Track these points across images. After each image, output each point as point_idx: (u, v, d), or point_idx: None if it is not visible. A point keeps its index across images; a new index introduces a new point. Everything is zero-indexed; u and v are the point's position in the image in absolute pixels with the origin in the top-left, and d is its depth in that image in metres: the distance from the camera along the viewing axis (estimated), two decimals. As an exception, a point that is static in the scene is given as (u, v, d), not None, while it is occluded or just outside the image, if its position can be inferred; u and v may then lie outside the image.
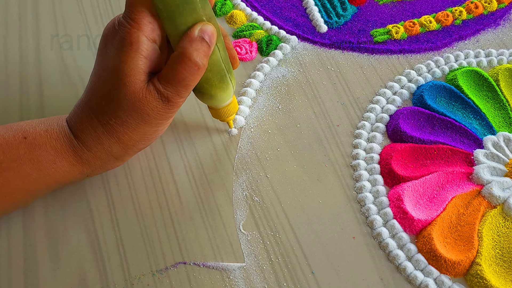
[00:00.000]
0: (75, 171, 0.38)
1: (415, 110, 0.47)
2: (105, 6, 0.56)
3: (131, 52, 0.35)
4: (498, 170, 0.43)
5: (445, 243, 0.40)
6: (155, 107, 0.36)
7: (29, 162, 0.37)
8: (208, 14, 0.37)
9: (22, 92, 0.49)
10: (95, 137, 0.37)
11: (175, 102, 0.37)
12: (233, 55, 0.41)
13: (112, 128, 0.37)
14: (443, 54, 0.52)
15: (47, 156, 0.37)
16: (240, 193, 0.43)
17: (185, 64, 0.35)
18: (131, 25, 0.35)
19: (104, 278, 0.38)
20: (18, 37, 0.53)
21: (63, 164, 0.38)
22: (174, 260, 0.39)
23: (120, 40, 0.35)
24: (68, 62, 0.51)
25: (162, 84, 0.36)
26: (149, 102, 0.36)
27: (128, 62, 0.35)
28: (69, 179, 0.39)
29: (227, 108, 0.42)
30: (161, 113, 0.37)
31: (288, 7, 0.57)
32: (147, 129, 0.38)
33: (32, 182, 0.37)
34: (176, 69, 0.36)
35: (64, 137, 0.38)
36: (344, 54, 0.52)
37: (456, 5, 0.57)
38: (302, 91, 0.49)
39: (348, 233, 0.41)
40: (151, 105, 0.36)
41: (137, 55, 0.35)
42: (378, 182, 0.43)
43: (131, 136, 0.37)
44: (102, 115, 0.37)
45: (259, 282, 0.38)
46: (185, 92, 0.37)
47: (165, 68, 0.36)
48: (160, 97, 0.36)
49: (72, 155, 0.38)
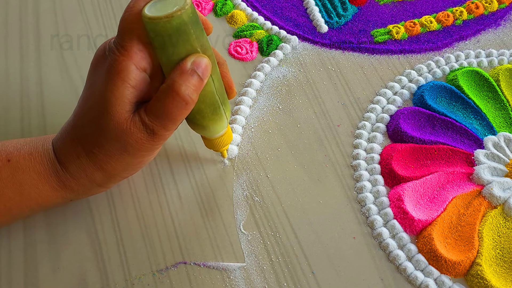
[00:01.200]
0: (58, 196, 0.37)
1: (416, 110, 0.47)
2: (105, 6, 0.56)
3: (118, 81, 0.34)
4: (499, 171, 0.43)
5: (446, 244, 0.40)
6: (139, 139, 0.35)
7: (11, 185, 0.36)
8: (203, 45, 0.35)
9: (23, 91, 0.49)
10: (78, 164, 0.36)
11: (160, 135, 0.35)
12: (229, 85, 0.39)
13: (95, 156, 0.36)
14: (443, 54, 0.52)
15: (30, 180, 0.36)
16: (240, 193, 0.43)
17: (172, 99, 0.34)
18: (121, 52, 0.34)
19: (104, 278, 0.38)
20: (18, 37, 0.53)
21: (46, 189, 0.37)
22: (175, 260, 0.39)
23: (108, 67, 0.34)
24: (69, 62, 0.51)
25: (148, 116, 0.35)
26: (133, 134, 0.35)
27: (114, 91, 0.34)
28: (52, 203, 0.38)
29: (220, 139, 0.40)
30: (146, 145, 0.35)
31: (289, 7, 0.57)
32: (130, 160, 0.36)
33: (15, 205, 0.37)
34: (163, 102, 0.34)
35: (48, 161, 0.37)
36: (344, 54, 0.52)
37: (457, 5, 0.57)
38: (303, 91, 0.49)
39: (348, 233, 0.41)
40: (135, 137, 0.35)
41: (124, 84, 0.34)
42: (378, 182, 0.43)
43: (114, 166, 0.36)
44: (86, 143, 0.36)
45: (260, 282, 0.38)
46: (172, 126, 0.35)
47: (153, 100, 0.35)
48: (145, 129, 0.35)
49: (55, 180, 0.37)
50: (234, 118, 0.47)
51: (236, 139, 0.45)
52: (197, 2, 0.56)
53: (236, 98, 0.48)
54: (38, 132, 0.46)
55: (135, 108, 0.35)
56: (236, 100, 0.48)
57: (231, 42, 0.53)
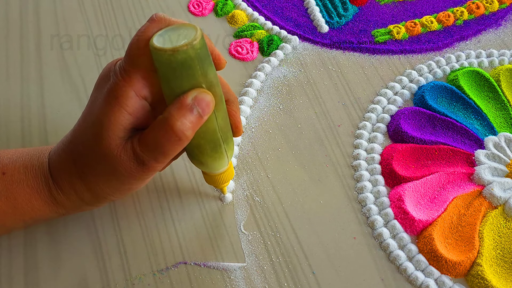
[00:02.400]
0: (50, 211, 0.37)
1: (416, 110, 0.47)
2: (105, 6, 0.56)
3: (115, 106, 0.33)
4: (499, 171, 0.43)
5: (446, 244, 0.40)
6: (128, 167, 0.34)
7: (5, 199, 0.36)
8: (209, 81, 0.33)
9: (23, 91, 0.49)
10: (69, 182, 0.36)
11: (150, 167, 0.34)
12: (236, 124, 0.38)
13: (85, 176, 0.35)
14: (444, 54, 0.52)
15: (24, 194, 0.36)
16: (241, 193, 0.43)
17: (165, 132, 0.33)
18: (123, 77, 0.33)
19: (104, 278, 0.38)
20: (19, 37, 0.53)
21: (39, 203, 0.37)
22: (175, 260, 0.39)
23: (108, 89, 0.34)
24: (69, 62, 0.51)
25: (140, 146, 0.34)
26: (123, 161, 0.34)
27: (109, 116, 0.33)
28: (44, 217, 0.38)
29: (220, 176, 0.39)
30: (135, 175, 0.35)
31: (289, 7, 0.57)
32: (119, 186, 0.36)
33: (8, 218, 0.37)
34: (156, 134, 0.33)
35: (41, 176, 0.37)
36: (345, 54, 0.52)
37: (458, 5, 0.57)
38: (303, 91, 0.49)
39: (349, 233, 0.41)
40: (124, 165, 0.34)
41: (120, 110, 0.33)
42: (379, 183, 0.43)
43: (102, 189, 0.36)
44: (78, 161, 0.35)
45: (260, 282, 0.38)
46: (163, 159, 0.34)
47: (147, 130, 0.34)
48: (135, 159, 0.34)
49: (47, 195, 0.37)
50: (234, 118, 0.47)
51: (237, 139, 0.45)
52: (198, 2, 0.56)
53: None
54: (38, 132, 0.46)
55: (131, 134, 0.34)
56: (237, 100, 0.48)
57: (231, 42, 0.53)
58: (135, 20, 0.55)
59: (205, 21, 0.55)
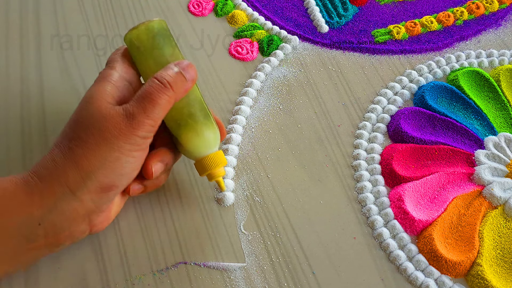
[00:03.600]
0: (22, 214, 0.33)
1: (416, 110, 0.47)
2: (105, 6, 0.56)
3: (102, 82, 0.36)
4: (499, 171, 0.43)
5: (446, 244, 0.40)
6: (117, 123, 0.34)
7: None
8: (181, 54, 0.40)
9: (23, 91, 0.49)
10: (51, 166, 0.34)
11: (140, 121, 0.34)
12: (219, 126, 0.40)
13: (71, 151, 0.34)
14: (444, 54, 0.52)
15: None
16: (241, 193, 0.43)
17: (152, 82, 0.36)
18: (107, 66, 0.38)
19: (104, 278, 0.38)
20: (19, 37, 0.53)
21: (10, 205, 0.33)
22: (175, 260, 0.39)
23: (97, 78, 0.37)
24: (69, 62, 0.51)
25: (129, 103, 0.35)
26: (112, 118, 0.34)
27: (96, 87, 0.36)
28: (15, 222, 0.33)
29: (213, 156, 0.38)
30: (124, 132, 0.34)
31: (289, 7, 0.57)
32: (108, 154, 0.34)
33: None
34: (144, 88, 0.36)
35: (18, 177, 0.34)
36: (345, 54, 0.52)
37: (458, 5, 0.57)
38: (303, 91, 0.49)
39: (349, 233, 0.41)
40: (113, 121, 0.34)
41: (105, 82, 0.36)
42: (379, 183, 0.43)
43: (91, 161, 0.33)
44: (62, 142, 0.34)
45: (260, 282, 0.38)
46: (152, 110, 0.35)
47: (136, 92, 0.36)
48: (124, 113, 0.34)
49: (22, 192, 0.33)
50: (234, 118, 0.47)
51: (237, 139, 0.45)
52: (198, 2, 0.56)
53: (236, 98, 0.48)
54: (38, 132, 0.46)
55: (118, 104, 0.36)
56: (237, 100, 0.48)
57: (231, 42, 0.53)
58: (135, 20, 0.55)
59: (205, 21, 0.55)
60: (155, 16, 0.55)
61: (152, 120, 0.35)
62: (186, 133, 0.37)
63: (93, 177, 0.34)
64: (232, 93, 0.49)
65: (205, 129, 0.38)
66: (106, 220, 0.37)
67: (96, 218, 0.36)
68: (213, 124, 0.38)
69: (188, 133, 0.37)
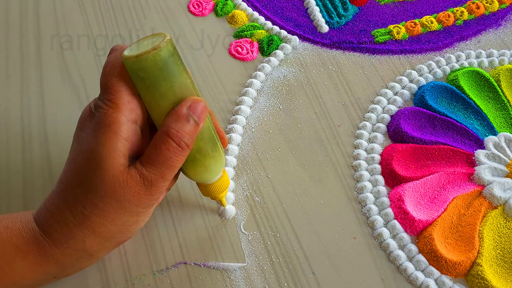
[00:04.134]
0: (38, 272, 0.33)
1: (416, 110, 0.47)
2: (105, 6, 0.56)
3: (110, 134, 0.32)
4: (499, 171, 0.43)
5: (446, 244, 0.40)
6: (137, 192, 0.33)
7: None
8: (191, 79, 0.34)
9: (23, 91, 0.49)
10: (66, 231, 0.33)
11: (158, 186, 0.33)
12: (221, 135, 0.38)
13: (87, 219, 0.33)
14: (444, 54, 0.52)
15: (5, 255, 0.33)
16: (241, 193, 0.43)
17: (168, 145, 0.32)
18: (108, 105, 0.32)
19: (105, 278, 0.38)
20: (19, 37, 0.53)
21: (24, 265, 0.33)
22: (175, 260, 0.39)
23: (97, 122, 0.32)
24: (69, 62, 0.51)
25: (144, 166, 0.33)
26: (130, 187, 0.32)
27: (106, 144, 0.32)
28: (31, 281, 0.34)
29: (219, 182, 0.38)
30: (143, 200, 0.33)
31: (289, 7, 0.57)
32: (127, 219, 0.34)
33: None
34: (159, 149, 0.33)
35: (27, 233, 0.33)
36: (345, 54, 0.52)
37: (458, 5, 0.57)
38: (303, 91, 0.49)
39: (349, 233, 0.41)
40: (132, 190, 0.32)
41: (116, 137, 0.32)
42: (379, 183, 0.43)
43: (108, 228, 0.33)
44: (75, 206, 0.32)
45: (260, 282, 0.38)
46: (170, 175, 0.33)
47: (148, 149, 0.33)
48: (142, 181, 0.33)
49: (35, 253, 0.33)
50: (234, 118, 0.47)
51: (237, 139, 0.45)
52: (198, 2, 0.56)
53: (236, 98, 0.48)
54: (38, 132, 0.46)
55: (129, 162, 0.33)
56: (237, 100, 0.48)
57: (231, 42, 0.53)
58: (135, 20, 0.55)
59: (205, 21, 0.55)
60: (155, 16, 0.55)
61: (167, 182, 0.34)
62: (194, 168, 0.36)
63: (112, 240, 0.34)
64: (232, 93, 0.49)
65: (213, 162, 0.36)
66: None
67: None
68: (220, 152, 0.37)
69: (196, 168, 0.36)
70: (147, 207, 0.34)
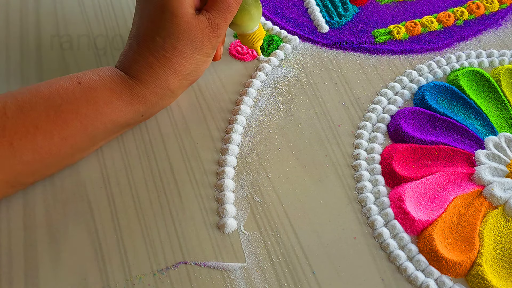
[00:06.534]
0: (131, 110, 0.40)
1: (417, 110, 0.47)
2: (106, 6, 0.56)
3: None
4: (500, 171, 0.43)
5: (446, 244, 0.40)
6: (206, 34, 0.40)
7: (85, 103, 0.38)
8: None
9: (23, 91, 0.49)
10: (151, 73, 0.40)
11: (221, 29, 0.41)
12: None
13: (169, 60, 0.40)
14: (444, 54, 0.52)
15: (103, 97, 0.39)
16: (241, 193, 0.43)
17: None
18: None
19: (105, 278, 0.38)
20: (19, 37, 0.53)
21: (119, 104, 0.40)
22: (175, 260, 0.39)
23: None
24: (69, 62, 0.51)
25: (211, 13, 0.41)
26: (202, 30, 0.40)
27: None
28: (125, 119, 0.41)
29: (257, 32, 0.47)
30: (211, 40, 0.41)
31: (290, 7, 0.57)
32: (199, 58, 0.41)
33: (90, 122, 0.39)
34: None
35: (118, 79, 0.40)
36: (345, 54, 0.52)
37: (458, 5, 0.57)
38: (303, 91, 0.49)
39: (349, 233, 0.41)
40: (203, 32, 0.40)
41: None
42: (379, 183, 0.43)
43: (186, 66, 0.41)
44: (157, 51, 0.40)
45: (260, 282, 0.38)
46: (230, 18, 0.42)
47: (210, 1, 0.41)
48: (210, 24, 0.40)
49: (127, 94, 0.40)
50: (234, 118, 0.47)
51: (237, 139, 0.45)
52: (198, 2, 0.56)
53: (236, 98, 0.48)
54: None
55: (195, 11, 0.41)
56: (237, 100, 0.48)
57: (232, 42, 0.53)
58: (135, 20, 0.55)
59: (205, 21, 0.55)
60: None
61: (227, 25, 0.42)
62: (242, 17, 0.45)
63: (188, 78, 0.42)
64: (232, 93, 0.49)
65: (255, 11, 0.45)
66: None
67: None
68: (259, 3, 0.45)
69: (244, 16, 0.45)
70: (213, 48, 0.42)
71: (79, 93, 0.39)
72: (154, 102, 0.41)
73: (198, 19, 0.40)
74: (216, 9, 0.41)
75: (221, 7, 0.41)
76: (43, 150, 0.38)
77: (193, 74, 0.42)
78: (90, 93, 0.39)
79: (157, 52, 0.40)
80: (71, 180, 0.43)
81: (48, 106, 0.38)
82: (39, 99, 0.38)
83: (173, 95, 0.42)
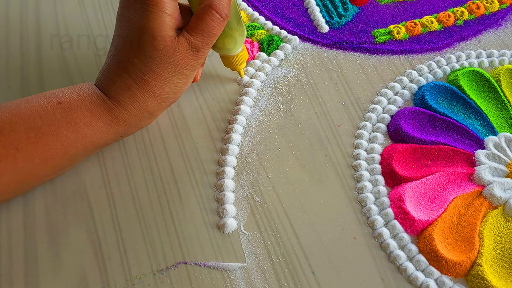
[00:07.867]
0: (110, 132, 0.40)
1: (417, 110, 0.47)
2: (106, 6, 0.56)
3: (157, 12, 0.38)
4: (499, 171, 0.43)
5: (446, 244, 0.40)
6: (186, 57, 0.40)
7: (66, 125, 0.38)
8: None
9: (23, 91, 0.49)
10: (129, 95, 0.39)
11: (203, 52, 0.40)
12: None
13: (147, 83, 0.39)
14: (444, 54, 0.52)
15: (83, 118, 0.39)
16: (241, 193, 0.43)
17: (212, 16, 0.39)
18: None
19: (105, 278, 0.38)
20: (19, 37, 0.53)
21: (99, 125, 0.39)
22: (175, 260, 0.39)
23: (142, 2, 0.38)
24: (69, 62, 0.51)
25: (191, 35, 0.40)
26: (181, 53, 0.39)
27: (156, 20, 0.38)
28: (104, 140, 0.40)
29: (240, 55, 0.46)
30: (191, 63, 0.40)
31: (290, 7, 0.57)
32: (178, 81, 0.40)
33: (71, 144, 0.38)
34: (204, 20, 0.39)
35: (97, 99, 0.39)
36: (345, 54, 0.52)
37: (458, 5, 0.57)
38: (303, 91, 0.49)
39: (349, 233, 0.41)
40: (183, 55, 0.39)
41: (163, 14, 0.38)
42: (379, 183, 0.43)
43: (164, 89, 0.40)
44: (135, 73, 0.39)
45: (260, 282, 0.38)
46: (212, 42, 0.41)
47: (193, 20, 0.40)
48: (190, 47, 0.40)
49: (107, 116, 0.39)
50: (234, 118, 0.47)
51: (237, 139, 0.45)
52: (198, 2, 0.56)
53: (236, 98, 0.48)
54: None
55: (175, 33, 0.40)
56: (237, 100, 0.48)
57: (231, 42, 0.53)
58: (135, 20, 0.55)
59: (205, 21, 0.55)
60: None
61: (209, 48, 0.41)
62: (223, 40, 0.43)
63: (167, 100, 0.41)
64: (232, 93, 0.49)
65: (238, 35, 0.44)
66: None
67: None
68: (243, 27, 0.44)
69: (225, 39, 0.44)
70: (193, 70, 0.41)
71: (59, 114, 0.38)
72: (132, 123, 0.41)
73: (178, 41, 0.39)
74: (198, 31, 0.40)
75: (203, 29, 0.40)
76: (23, 172, 0.38)
77: (172, 96, 0.41)
78: (70, 114, 0.38)
79: (135, 75, 0.39)
80: (71, 180, 0.43)
81: (28, 127, 0.37)
82: (19, 119, 0.37)
83: (152, 117, 0.42)
